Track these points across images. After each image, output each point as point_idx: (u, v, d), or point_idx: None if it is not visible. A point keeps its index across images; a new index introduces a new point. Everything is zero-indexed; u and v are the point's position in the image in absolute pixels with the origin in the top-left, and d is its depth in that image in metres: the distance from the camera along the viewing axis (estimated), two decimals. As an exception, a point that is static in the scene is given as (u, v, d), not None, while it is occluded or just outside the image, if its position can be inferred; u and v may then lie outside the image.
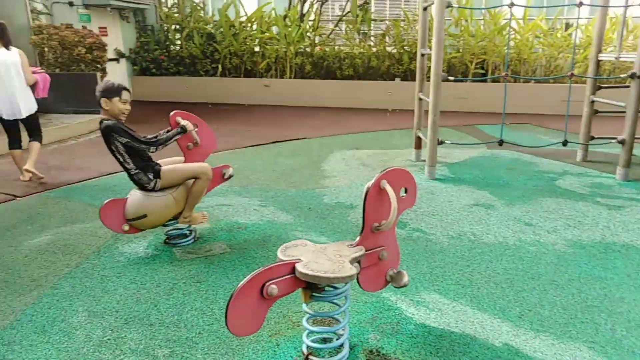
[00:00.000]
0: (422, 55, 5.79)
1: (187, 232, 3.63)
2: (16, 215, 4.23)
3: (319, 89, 11.65)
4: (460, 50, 10.95)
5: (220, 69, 12.24)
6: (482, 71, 10.97)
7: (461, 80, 9.70)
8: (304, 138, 7.76)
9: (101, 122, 3.32)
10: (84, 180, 5.35)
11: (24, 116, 5.14)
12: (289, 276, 2.01)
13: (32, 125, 5.35)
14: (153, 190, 3.37)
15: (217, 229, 3.91)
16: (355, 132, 8.20)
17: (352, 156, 6.46)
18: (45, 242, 3.64)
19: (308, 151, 6.81)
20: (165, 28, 12.89)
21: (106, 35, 11.87)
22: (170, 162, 3.65)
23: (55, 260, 3.34)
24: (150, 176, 3.33)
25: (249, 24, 12.35)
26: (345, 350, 2.25)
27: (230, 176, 3.84)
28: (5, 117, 5.04)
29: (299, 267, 2.01)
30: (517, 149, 6.59)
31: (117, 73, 12.29)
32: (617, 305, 2.83)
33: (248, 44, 12.10)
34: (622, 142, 5.15)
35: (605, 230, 3.93)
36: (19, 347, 2.40)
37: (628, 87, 5.16)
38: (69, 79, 8.79)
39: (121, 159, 3.31)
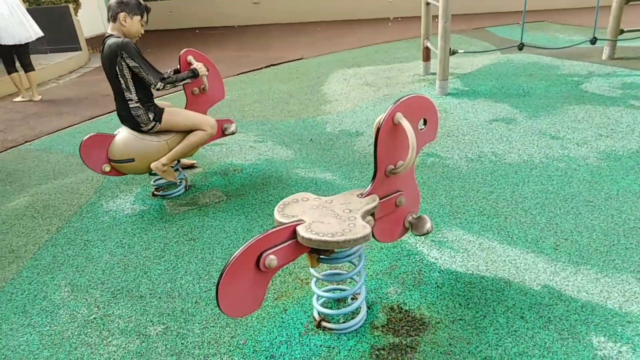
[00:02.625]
0: (427, -50, 5.02)
1: (178, 181, 3.25)
2: (-6, 175, 3.89)
3: (314, 2, 10.68)
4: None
5: (203, -12, 11.23)
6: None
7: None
8: (301, 59, 7.14)
9: (107, 37, 2.85)
10: (65, 128, 4.93)
11: (26, 41, 5.78)
12: (290, 242, 1.66)
13: (25, 54, 5.90)
14: (147, 132, 3.00)
15: (210, 174, 3.54)
16: (355, 47, 7.53)
17: (353, 75, 5.91)
18: (23, 205, 3.32)
19: (305, 73, 6.25)
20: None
21: (75, -40, 10.79)
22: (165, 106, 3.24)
23: (35, 226, 3.03)
24: (151, 116, 2.94)
25: None
26: (363, 312, 1.97)
27: (233, 133, 3.43)
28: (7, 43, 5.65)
29: (301, 231, 1.65)
30: (535, 51, 5.96)
31: (93, 2, 11.36)
32: (664, 225, 2.49)
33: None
34: (658, 34, 4.54)
35: (641, 137, 3.51)
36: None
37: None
38: (39, 13, 8.01)
39: (124, 85, 2.88)
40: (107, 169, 3.01)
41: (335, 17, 10.64)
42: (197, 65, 3.13)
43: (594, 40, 4.66)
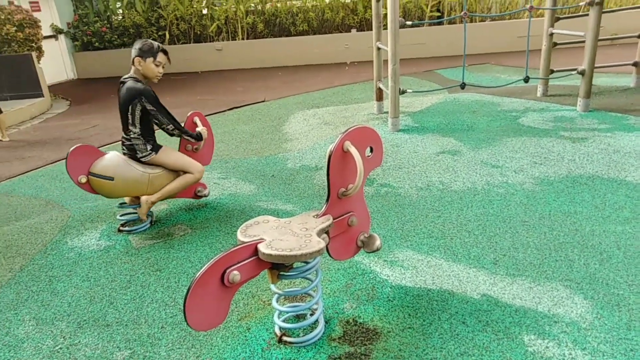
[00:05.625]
0: (377, 1, 5.49)
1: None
2: (-47, 219, 3.87)
3: (274, 48, 11.17)
4: (415, -7, 10.62)
5: (167, 36, 11.56)
6: (438, 14, 10.72)
7: (419, 25, 9.44)
8: (262, 101, 7.44)
9: (125, 80, 3.16)
10: (28, 172, 4.95)
11: None
12: (251, 259, 1.83)
13: None
14: (139, 160, 3.22)
15: (175, 210, 3.67)
16: (314, 90, 7.92)
17: (313, 115, 6.22)
18: (-14, 246, 3.33)
19: (267, 115, 6.53)
20: (103, -3, 11.98)
21: (39, 10, 10.97)
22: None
23: (-2, 265, 3.06)
24: (148, 147, 3.22)
25: (193, -15, 11.59)
26: (321, 325, 2.13)
27: (205, 196, 3.68)
28: None
29: (262, 248, 1.82)
30: (479, 90, 6.49)
31: (56, 51, 11.48)
32: (588, 239, 2.79)
33: (195, 6, 11.40)
34: (582, 73, 5.09)
35: (570, 164, 3.90)
36: (-37, 368, 2.17)
37: (586, 15, 5.05)
38: (1, 62, 8.09)
39: (130, 120, 3.15)
40: (83, 180, 3.16)
41: (295, 63, 11.13)
42: (202, 130, 3.47)
43: (527, 79, 5.16)
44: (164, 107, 3.18)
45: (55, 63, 11.38)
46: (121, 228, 3.36)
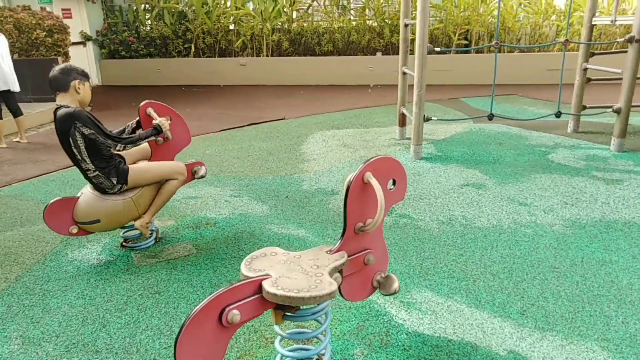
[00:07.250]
0: (406, 26, 5.36)
1: (148, 234, 3.20)
2: (-43, 220, 3.77)
3: (298, 66, 11.13)
4: (443, 21, 10.52)
5: (193, 49, 11.63)
6: (466, 42, 10.58)
7: (446, 52, 9.30)
8: (282, 119, 7.33)
9: (57, 109, 2.78)
10: (40, 175, 4.87)
11: (17, 89, 6.12)
12: (254, 297, 1.64)
13: (13, 100, 6.13)
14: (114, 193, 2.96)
15: (182, 227, 3.51)
16: (335, 111, 7.78)
17: (332, 136, 6.07)
18: (-16, 252, 3.21)
19: (286, 133, 6.39)
20: (134, 8, 12.15)
21: (70, 17, 11.14)
22: (137, 153, 3.23)
23: (-7, 273, 2.92)
24: (114, 180, 2.89)
25: (223, 1, 11.69)
26: (327, 373, 1.91)
27: (202, 176, 3.39)
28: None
29: (267, 286, 1.63)
30: (505, 122, 6.27)
31: (83, 57, 11.62)
32: (627, 293, 2.54)
33: (222, 21, 11.47)
34: (617, 112, 4.85)
35: (604, 207, 3.65)
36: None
37: (623, 52, 4.83)
38: (28, 64, 8.17)
39: (78, 156, 2.79)
40: (75, 230, 2.94)
41: (318, 82, 11.06)
42: (159, 121, 3.10)
43: (558, 114, 4.94)
44: (101, 127, 2.79)
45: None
46: (124, 243, 3.20)
